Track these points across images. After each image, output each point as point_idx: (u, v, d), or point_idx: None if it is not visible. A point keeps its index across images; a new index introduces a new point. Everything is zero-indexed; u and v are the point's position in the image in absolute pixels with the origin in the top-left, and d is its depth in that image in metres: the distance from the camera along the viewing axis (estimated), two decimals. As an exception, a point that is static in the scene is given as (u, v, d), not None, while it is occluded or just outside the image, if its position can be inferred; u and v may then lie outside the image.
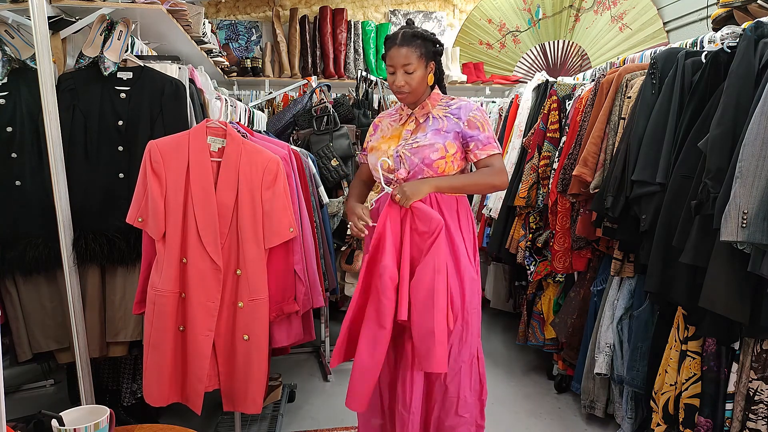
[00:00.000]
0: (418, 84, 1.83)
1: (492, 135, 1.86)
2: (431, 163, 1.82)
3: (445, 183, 1.81)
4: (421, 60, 1.82)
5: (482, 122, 1.85)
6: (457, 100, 1.90)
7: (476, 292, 1.86)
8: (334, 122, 3.22)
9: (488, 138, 1.85)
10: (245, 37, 4.70)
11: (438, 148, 1.81)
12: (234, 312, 1.90)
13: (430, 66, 1.87)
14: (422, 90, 1.87)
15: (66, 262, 2.00)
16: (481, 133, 1.84)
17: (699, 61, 1.90)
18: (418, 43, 1.81)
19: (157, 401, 1.89)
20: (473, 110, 1.86)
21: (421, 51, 1.82)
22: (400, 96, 1.87)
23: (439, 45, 1.90)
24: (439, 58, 1.91)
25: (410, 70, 1.81)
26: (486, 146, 1.84)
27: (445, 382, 1.84)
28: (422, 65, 1.83)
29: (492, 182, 1.85)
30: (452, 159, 1.84)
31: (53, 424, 1.16)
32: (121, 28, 2.17)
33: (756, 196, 1.46)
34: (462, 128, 1.84)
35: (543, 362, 3.18)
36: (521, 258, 2.93)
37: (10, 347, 2.15)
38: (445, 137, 1.83)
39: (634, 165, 2.00)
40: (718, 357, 1.81)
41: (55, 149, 1.95)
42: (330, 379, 3.01)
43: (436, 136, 1.83)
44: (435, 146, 1.81)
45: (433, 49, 1.86)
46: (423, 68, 1.83)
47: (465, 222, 1.88)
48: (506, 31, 4.80)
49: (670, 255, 1.82)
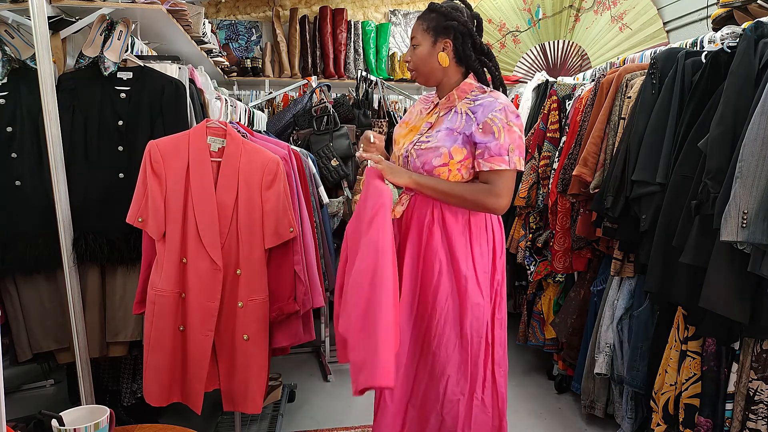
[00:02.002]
0: (421, 61, 1.64)
1: (509, 145, 1.54)
2: (432, 170, 1.60)
3: (427, 183, 1.59)
4: (426, 34, 1.62)
5: (501, 127, 1.54)
6: (486, 95, 1.62)
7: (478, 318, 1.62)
8: (334, 122, 3.22)
9: (500, 148, 1.54)
10: (245, 37, 4.70)
11: (442, 153, 1.58)
12: (234, 312, 1.90)
13: (441, 43, 1.61)
14: (429, 69, 1.65)
15: (66, 262, 2.00)
16: (493, 140, 1.54)
17: (699, 61, 1.90)
18: (429, 17, 1.62)
19: (157, 401, 1.89)
20: (495, 110, 1.55)
21: (429, 24, 1.61)
22: (412, 76, 1.70)
23: (453, 20, 1.59)
24: (460, 36, 1.61)
25: (415, 43, 1.64)
26: (493, 158, 1.54)
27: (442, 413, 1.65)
28: (428, 40, 1.62)
29: (483, 202, 1.57)
30: (458, 167, 1.59)
31: (53, 424, 1.16)
32: (121, 28, 2.16)
33: (756, 196, 1.46)
34: (473, 131, 1.56)
35: (543, 362, 3.18)
36: (521, 258, 2.93)
37: (10, 347, 2.15)
38: (455, 140, 1.58)
39: (634, 165, 2.00)
40: (718, 357, 1.80)
41: (55, 149, 1.94)
42: (330, 379, 3.02)
43: (446, 137, 1.59)
44: (440, 150, 1.58)
45: (445, 22, 1.60)
46: (429, 44, 1.62)
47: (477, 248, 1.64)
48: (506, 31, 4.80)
49: (670, 255, 1.82)
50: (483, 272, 1.64)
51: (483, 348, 1.64)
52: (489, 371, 1.68)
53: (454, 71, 1.67)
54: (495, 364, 1.69)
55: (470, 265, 1.62)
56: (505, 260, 1.74)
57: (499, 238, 1.70)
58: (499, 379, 1.70)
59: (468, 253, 1.62)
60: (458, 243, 1.61)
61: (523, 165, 1.60)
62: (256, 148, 1.91)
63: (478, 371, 1.65)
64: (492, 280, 1.67)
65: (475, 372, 1.65)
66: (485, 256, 1.65)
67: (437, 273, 1.62)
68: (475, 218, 1.64)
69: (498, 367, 1.70)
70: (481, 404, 1.67)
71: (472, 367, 1.64)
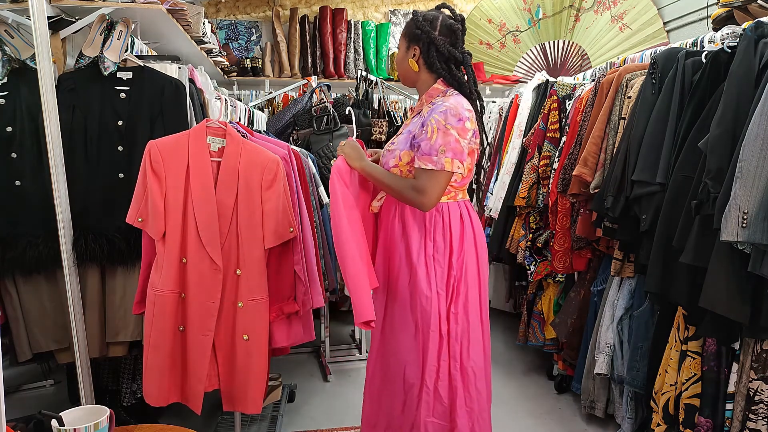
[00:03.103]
0: (398, 64, 1.78)
1: (440, 147, 1.59)
2: (388, 170, 1.73)
3: (369, 171, 1.71)
4: (403, 39, 1.75)
5: (435, 128, 1.60)
6: (440, 98, 1.68)
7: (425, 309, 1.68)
8: (334, 122, 3.22)
9: (430, 148, 1.59)
10: (245, 37, 4.70)
11: (396, 155, 1.71)
12: (234, 312, 1.90)
13: (412, 49, 1.72)
14: (404, 72, 1.78)
15: (66, 262, 2.00)
16: (425, 140, 1.61)
17: (699, 61, 1.90)
18: (408, 23, 1.74)
19: (157, 401, 1.89)
20: (437, 112, 1.61)
21: (405, 30, 1.75)
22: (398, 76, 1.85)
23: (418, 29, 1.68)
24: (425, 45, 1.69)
25: (398, 47, 1.80)
26: (423, 157, 1.61)
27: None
28: (403, 45, 1.75)
29: (406, 196, 1.64)
30: (408, 169, 1.69)
31: (53, 424, 1.16)
32: (121, 28, 2.16)
33: (756, 196, 1.46)
34: (417, 131, 1.66)
35: (543, 362, 3.18)
36: (521, 258, 2.93)
37: (10, 347, 2.15)
38: (407, 143, 1.69)
39: (634, 165, 2.00)
40: (718, 357, 1.80)
41: (55, 149, 1.94)
42: (330, 379, 3.02)
43: (404, 140, 1.71)
44: (395, 153, 1.71)
45: (413, 30, 1.70)
46: (404, 49, 1.75)
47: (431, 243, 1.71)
48: (506, 31, 4.80)
49: (670, 255, 1.82)
50: (438, 267, 1.70)
51: (435, 339, 1.69)
52: (445, 363, 1.72)
53: (426, 76, 1.75)
54: (450, 357, 1.71)
55: (422, 259, 1.70)
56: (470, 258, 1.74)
57: (458, 237, 1.72)
58: (453, 373, 1.71)
59: (421, 247, 1.71)
60: (413, 237, 1.71)
61: (456, 167, 1.61)
62: (256, 148, 1.91)
63: (428, 361, 1.70)
64: (448, 276, 1.71)
65: (424, 361, 1.70)
66: (440, 251, 1.71)
67: (398, 264, 1.74)
68: (430, 216, 1.71)
69: (454, 361, 1.71)
70: (434, 393, 1.71)
71: (423, 355, 1.71)
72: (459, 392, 1.71)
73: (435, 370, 1.70)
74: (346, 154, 1.74)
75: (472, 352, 1.73)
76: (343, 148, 1.76)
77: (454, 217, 1.72)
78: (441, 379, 1.71)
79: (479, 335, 1.76)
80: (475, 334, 1.74)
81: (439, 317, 1.70)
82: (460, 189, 1.75)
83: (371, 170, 1.72)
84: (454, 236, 1.72)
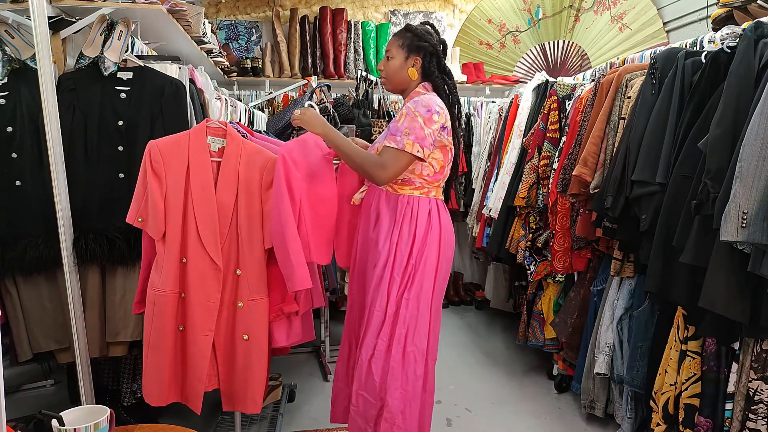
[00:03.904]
0: (393, 72, 1.91)
1: (405, 129, 1.76)
2: None
3: (333, 135, 1.82)
4: (400, 50, 1.90)
5: (404, 113, 1.79)
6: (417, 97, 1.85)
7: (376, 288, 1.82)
8: (334, 122, 3.22)
9: (396, 129, 1.78)
10: (245, 37, 4.70)
11: (375, 147, 1.86)
12: (234, 312, 1.90)
13: (412, 59, 1.90)
14: (399, 80, 1.92)
15: (66, 262, 2.00)
16: (395, 123, 1.80)
17: (699, 61, 1.90)
18: (405, 35, 1.90)
19: (157, 401, 1.89)
20: (410, 103, 1.81)
21: (404, 42, 1.90)
22: (383, 82, 1.98)
23: (425, 42, 1.89)
24: (429, 56, 1.90)
25: (389, 56, 1.93)
26: (389, 137, 1.79)
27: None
28: (401, 55, 1.90)
29: (367, 169, 1.78)
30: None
31: (53, 424, 1.16)
32: (121, 28, 2.16)
33: (756, 196, 1.46)
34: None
35: (543, 362, 3.18)
36: (521, 258, 2.93)
37: (10, 347, 2.15)
38: (384, 138, 1.84)
39: (634, 165, 2.00)
40: (718, 357, 1.81)
41: (55, 149, 1.94)
42: (330, 379, 3.01)
43: (384, 136, 1.85)
44: (375, 146, 1.87)
45: (417, 42, 1.89)
46: (402, 58, 1.90)
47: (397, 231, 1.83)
48: (506, 31, 4.80)
49: (670, 255, 1.82)
50: (399, 254, 1.83)
51: (379, 318, 1.81)
52: (383, 342, 1.80)
53: (416, 83, 1.93)
54: (395, 339, 1.79)
55: (386, 246, 1.83)
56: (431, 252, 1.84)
57: (423, 230, 1.84)
58: (395, 354, 1.78)
59: (388, 235, 1.84)
60: (384, 226, 1.86)
61: (417, 150, 1.76)
62: (256, 148, 1.92)
63: (367, 337, 1.81)
64: (406, 264, 1.83)
65: (364, 336, 1.82)
66: (404, 240, 1.83)
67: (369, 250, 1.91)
68: (401, 208, 1.85)
69: (397, 344, 1.79)
70: (366, 368, 1.79)
71: (364, 330, 1.83)
72: (396, 373, 1.78)
73: (372, 346, 1.80)
74: (307, 121, 1.81)
75: (416, 338, 1.82)
76: (302, 117, 1.82)
77: (423, 212, 1.85)
78: (375, 357, 1.80)
79: (426, 324, 1.85)
80: (423, 322, 1.84)
81: (388, 299, 1.81)
82: (432, 185, 1.88)
83: (334, 136, 1.82)
84: (419, 229, 1.84)
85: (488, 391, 2.89)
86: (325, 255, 2.01)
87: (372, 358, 1.79)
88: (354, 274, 2.02)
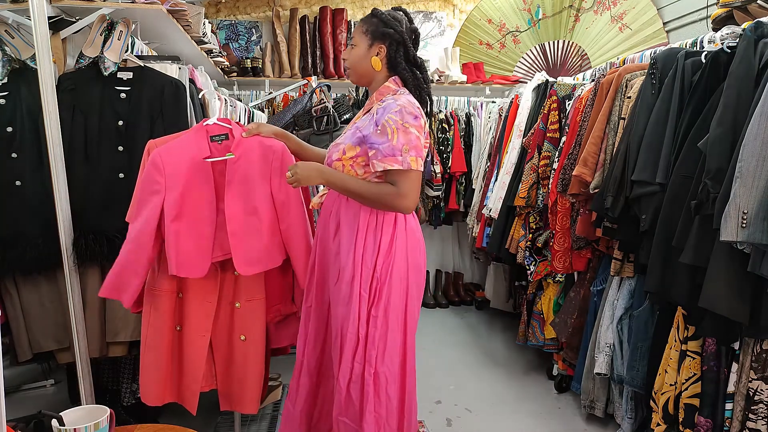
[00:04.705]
0: (356, 61, 1.73)
1: (402, 146, 1.58)
2: (330, 163, 1.72)
3: (336, 179, 1.67)
4: (363, 36, 1.71)
5: (395, 129, 1.59)
6: (391, 98, 1.67)
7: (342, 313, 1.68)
8: (334, 122, 3.22)
9: (392, 149, 1.58)
10: (245, 37, 4.70)
11: (340, 148, 1.69)
12: (231, 312, 1.90)
13: (376, 47, 1.70)
14: (362, 70, 1.74)
15: (66, 262, 2.01)
16: (386, 142, 1.59)
17: (699, 61, 1.90)
18: (370, 21, 1.71)
19: (154, 401, 1.89)
20: (392, 111, 1.61)
21: (368, 28, 1.71)
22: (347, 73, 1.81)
23: (390, 29, 1.69)
24: (395, 44, 1.70)
25: (353, 43, 1.74)
26: (386, 158, 1.59)
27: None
28: (364, 42, 1.71)
29: (386, 202, 1.63)
30: (351, 163, 1.68)
31: (53, 424, 1.16)
32: (121, 28, 2.17)
33: (756, 196, 1.46)
34: (371, 132, 1.63)
35: (543, 362, 3.18)
36: (521, 258, 2.93)
37: (10, 347, 2.15)
38: (353, 137, 1.68)
39: (634, 165, 2.00)
40: (718, 357, 1.81)
41: (55, 149, 1.95)
42: (330, 379, 3.01)
43: (350, 135, 1.70)
44: (340, 146, 1.70)
45: (382, 29, 1.69)
46: (365, 46, 1.71)
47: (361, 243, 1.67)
48: (506, 31, 4.80)
49: (670, 255, 1.82)
50: (365, 268, 1.67)
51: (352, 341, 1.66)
52: (359, 366, 1.67)
53: (384, 76, 1.74)
54: (366, 362, 1.67)
55: (350, 261, 1.67)
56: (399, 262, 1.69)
57: (389, 239, 1.68)
58: (367, 378, 1.66)
59: (351, 248, 1.68)
60: (345, 237, 1.70)
61: (420, 165, 1.62)
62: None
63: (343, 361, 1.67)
64: (372, 278, 1.67)
65: (340, 361, 1.68)
66: (369, 252, 1.68)
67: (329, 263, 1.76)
68: (364, 217, 1.68)
69: (369, 366, 1.66)
70: (345, 393, 1.68)
71: (339, 354, 1.69)
72: (369, 397, 1.66)
73: (349, 370, 1.67)
74: (304, 178, 1.66)
75: (386, 357, 1.68)
76: (297, 176, 1.66)
77: (388, 220, 1.69)
78: (354, 381, 1.68)
79: (399, 340, 1.70)
80: (394, 338, 1.69)
81: (359, 320, 1.67)
82: None
83: (340, 180, 1.67)
84: (384, 238, 1.68)
85: (488, 391, 2.89)
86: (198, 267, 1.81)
87: (350, 383, 1.68)
88: (312, 286, 1.83)
